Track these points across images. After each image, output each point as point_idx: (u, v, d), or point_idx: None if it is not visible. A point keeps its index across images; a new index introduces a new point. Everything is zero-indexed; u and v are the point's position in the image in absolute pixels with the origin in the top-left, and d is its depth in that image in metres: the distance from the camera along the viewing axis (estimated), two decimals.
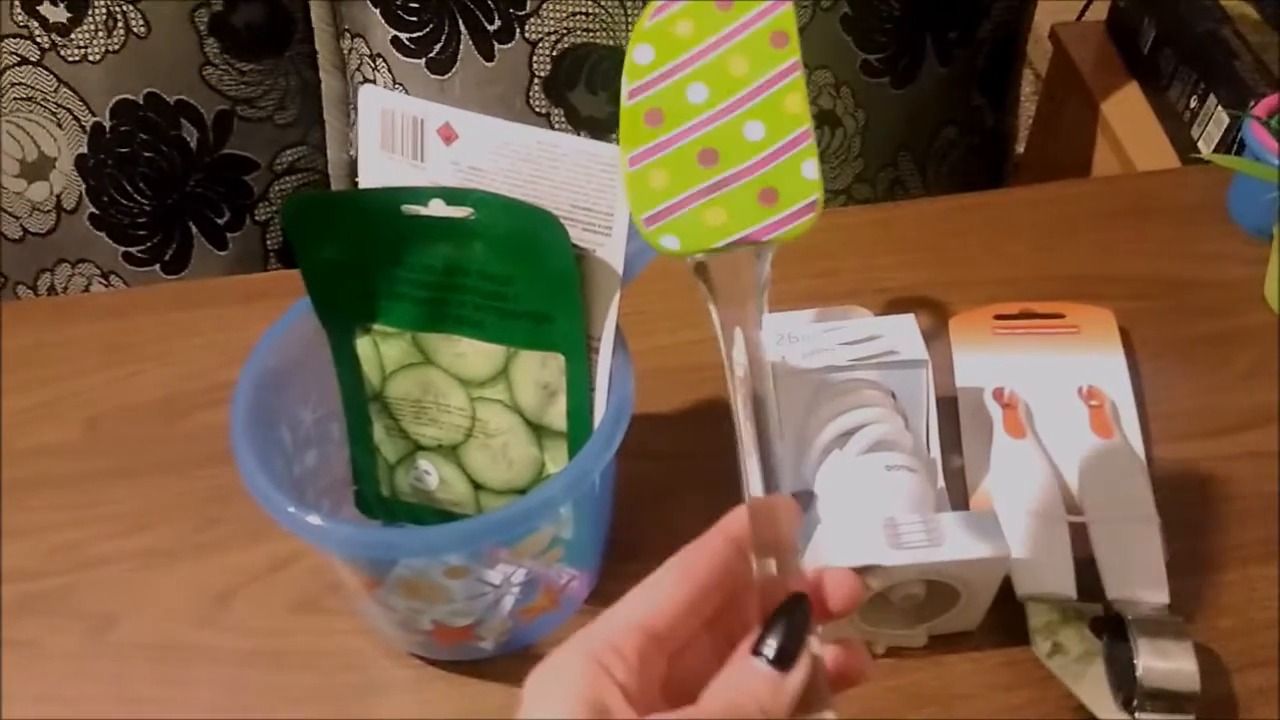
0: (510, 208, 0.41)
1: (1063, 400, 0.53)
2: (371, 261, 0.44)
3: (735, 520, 0.30)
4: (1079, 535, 0.48)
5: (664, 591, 0.29)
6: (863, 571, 0.32)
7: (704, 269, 0.32)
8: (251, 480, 0.40)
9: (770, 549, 0.29)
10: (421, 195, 0.42)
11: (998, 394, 0.54)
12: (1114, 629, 0.45)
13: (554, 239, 0.41)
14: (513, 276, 0.43)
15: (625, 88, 0.33)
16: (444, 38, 0.76)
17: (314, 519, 0.39)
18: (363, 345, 0.46)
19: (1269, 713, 0.45)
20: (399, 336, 0.46)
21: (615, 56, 0.76)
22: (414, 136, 0.43)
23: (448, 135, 0.43)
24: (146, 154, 0.79)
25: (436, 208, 0.42)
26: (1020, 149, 1.02)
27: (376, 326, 0.46)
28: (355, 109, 0.82)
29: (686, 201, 0.32)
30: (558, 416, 0.45)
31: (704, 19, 0.32)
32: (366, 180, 0.44)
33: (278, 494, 0.39)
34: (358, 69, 0.80)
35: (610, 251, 0.42)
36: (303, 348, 0.46)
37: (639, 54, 0.33)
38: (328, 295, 0.45)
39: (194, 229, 0.82)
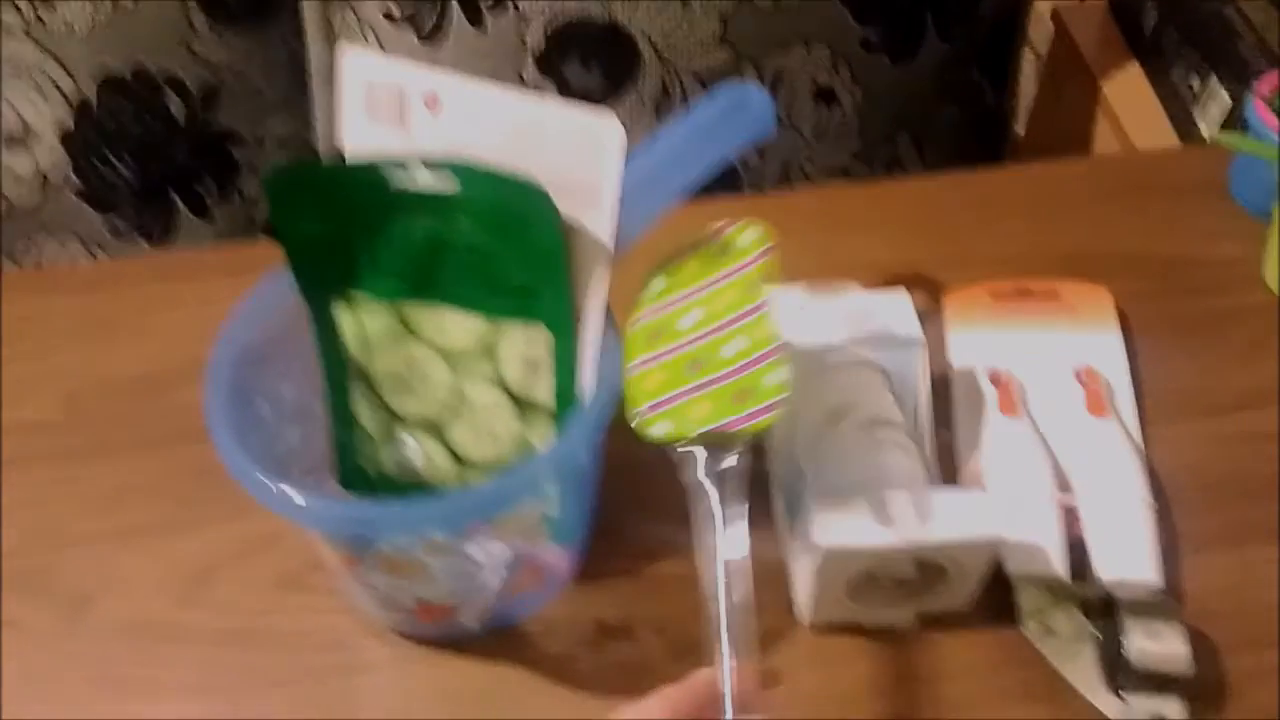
0: (496, 178, 0.40)
1: (1058, 380, 0.53)
2: (354, 233, 0.43)
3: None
4: (1072, 516, 0.47)
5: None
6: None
7: (687, 463, 0.39)
8: (226, 455, 0.39)
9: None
10: (406, 165, 0.41)
11: (992, 373, 0.53)
12: (1104, 610, 0.44)
13: (541, 211, 0.40)
14: (498, 249, 0.42)
15: (639, 310, 0.41)
16: (435, 10, 0.75)
17: (289, 493, 0.38)
18: (344, 319, 0.45)
19: (1261, 695, 0.45)
20: (382, 310, 0.45)
21: (609, 32, 0.75)
22: (398, 103, 0.42)
23: (433, 102, 0.42)
24: (131, 127, 0.78)
25: (421, 178, 0.41)
26: (1021, 131, 1.01)
27: (359, 300, 0.45)
28: None
29: (676, 398, 0.39)
30: (544, 392, 0.44)
31: (707, 261, 0.42)
32: (350, 148, 0.43)
33: (253, 468, 0.38)
34: (347, 41, 0.79)
35: (600, 225, 0.41)
36: (284, 322, 0.45)
37: (654, 283, 0.42)
38: (309, 268, 0.44)
39: (179, 203, 0.81)
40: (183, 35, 0.76)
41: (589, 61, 0.76)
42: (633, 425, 0.40)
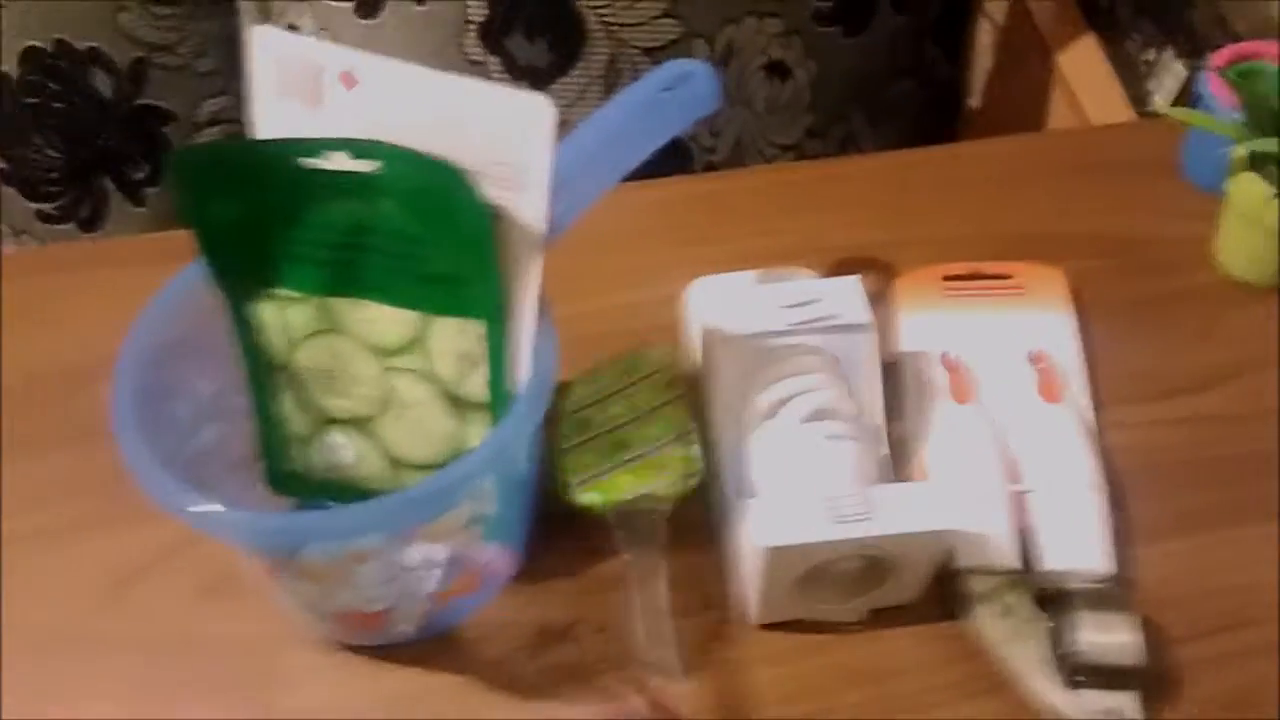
0: (417, 162, 0.38)
1: (1011, 364, 0.51)
2: (270, 220, 0.41)
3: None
4: (1023, 505, 0.46)
5: None
6: None
7: (619, 522, 0.45)
8: (134, 463, 0.37)
9: None
10: (322, 147, 0.39)
11: (944, 358, 0.52)
12: (1055, 601, 0.43)
13: (463, 194, 0.38)
14: (423, 236, 0.40)
15: (564, 411, 0.48)
16: None
17: (201, 505, 0.36)
18: (265, 312, 0.43)
19: (1216, 683, 0.44)
20: (304, 301, 0.42)
21: (553, 4, 0.72)
22: (314, 82, 0.40)
23: (350, 81, 0.39)
24: (56, 105, 0.74)
25: (339, 161, 0.39)
26: (977, 105, 1.00)
27: (279, 291, 0.42)
28: None
29: (604, 472, 0.46)
30: (478, 387, 0.42)
31: (622, 371, 0.50)
32: (263, 131, 0.41)
33: (161, 477, 0.36)
34: (281, 14, 0.76)
35: (531, 210, 0.39)
36: (201, 314, 0.43)
37: (576, 389, 0.49)
38: (224, 258, 0.42)
39: (110, 185, 0.78)
40: (110, 8, 0.73)
41: (534, 36, 0.74)
42: (565, 496, 0.46)
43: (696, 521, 0.48)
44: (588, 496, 0.46)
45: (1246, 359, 0.54)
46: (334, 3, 0.73)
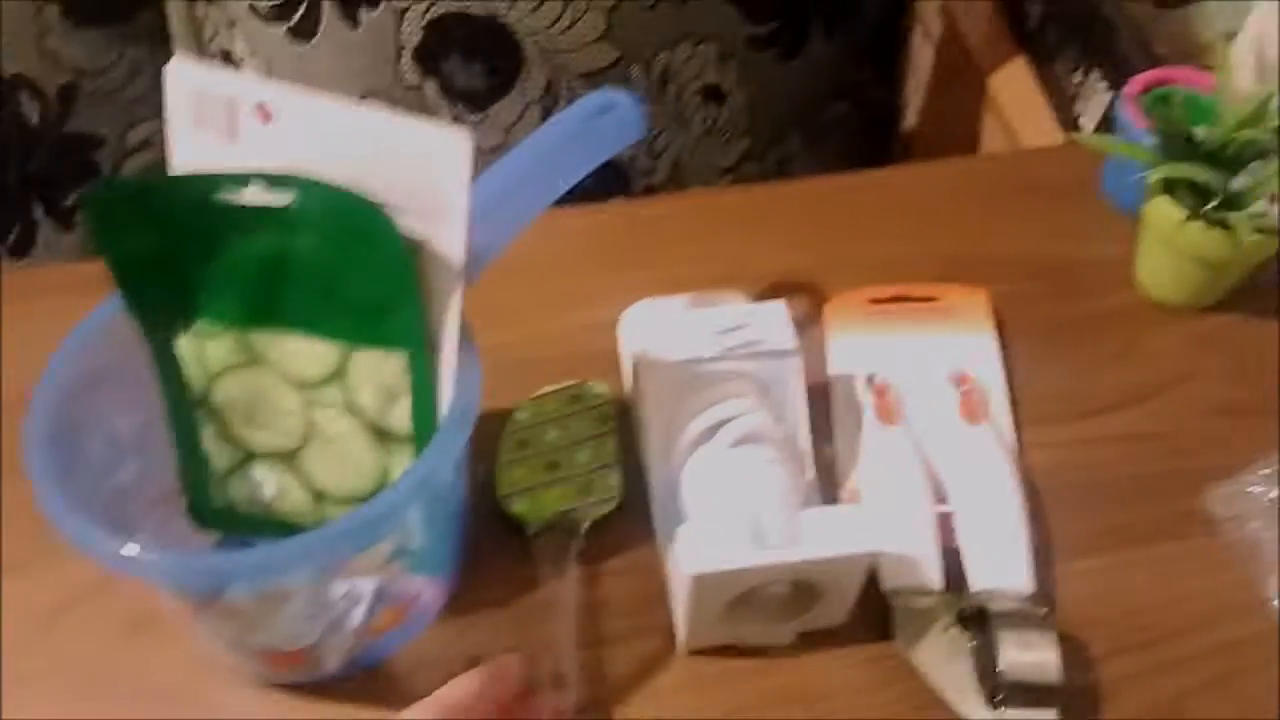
0: (333, 193, 0.38)
1: (934, 385, 0.52)
2: (188, 254, 0.40)
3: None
4: (947, 525, 0.47)
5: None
6: None
7: (539, 539, 0.48)
8: (46, 502, 0.36)
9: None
10: (239, 180, 0.39)
11: (870, 380, 0.52)
12: (979, 621, 0.44)
13: (383, 227, 0.38)
14: (342, 268, 0.40)
15: (507, 430, 0.51)
16: (305, 4, 0.72)
17: (113, 549, 0.35)
18: (184, 345, 0.42)
19: (1135, 699, 0.45)
20: (224, 335, 0.42)
21: (491, 26, 0.72)
22: (229, 116, 0.39)
23: (266, 114, 0.39)
24: None
25: (253, 192, 0.38)
26: (913, 128, 1.01)
27: (198, 325, 0.42)
28: None
29: (535, 487, 0.50)
30: (401, 419, 0.42)
31: (563, 401, 0.53)
32: (179, 164, 0.41)
33: (76, 519, 0.36)
34: (212, 39, 0.75)
35: (450, 241, 0.39)
36: (122, 346, 0.42)
37: (519, 414, 0.52)
38: (141, 292, 0.41)
39: (37, 212, 0.76)
40: (36, 33, 0.72)
41: (471, 60, 0.74)
42: (498, 502, 0.49)
43: (637, 548, 0.48)
44: (516, 505, 0.49)
45: (1164, 378, 0.55)
46: (267, 28, 0.73)
